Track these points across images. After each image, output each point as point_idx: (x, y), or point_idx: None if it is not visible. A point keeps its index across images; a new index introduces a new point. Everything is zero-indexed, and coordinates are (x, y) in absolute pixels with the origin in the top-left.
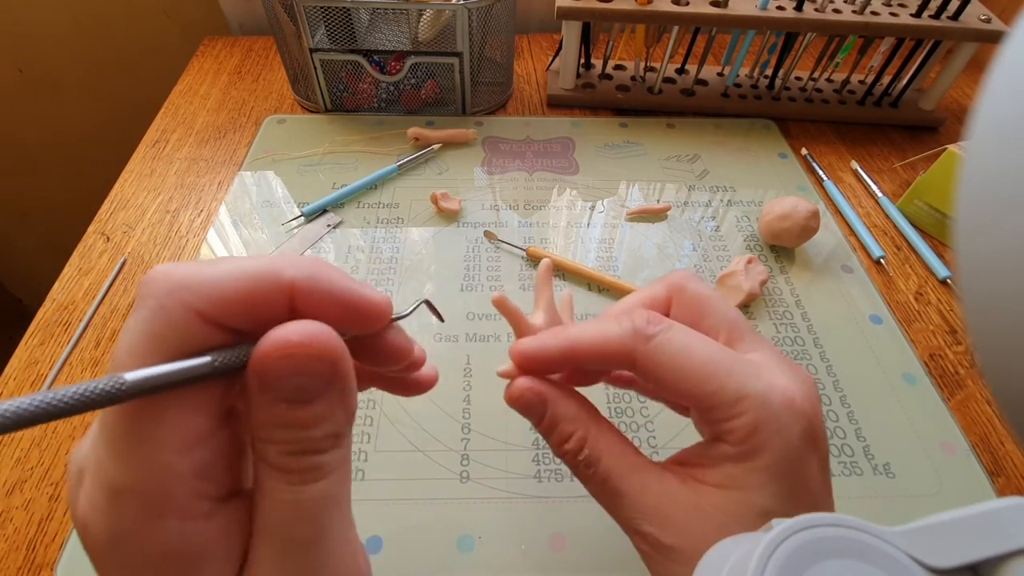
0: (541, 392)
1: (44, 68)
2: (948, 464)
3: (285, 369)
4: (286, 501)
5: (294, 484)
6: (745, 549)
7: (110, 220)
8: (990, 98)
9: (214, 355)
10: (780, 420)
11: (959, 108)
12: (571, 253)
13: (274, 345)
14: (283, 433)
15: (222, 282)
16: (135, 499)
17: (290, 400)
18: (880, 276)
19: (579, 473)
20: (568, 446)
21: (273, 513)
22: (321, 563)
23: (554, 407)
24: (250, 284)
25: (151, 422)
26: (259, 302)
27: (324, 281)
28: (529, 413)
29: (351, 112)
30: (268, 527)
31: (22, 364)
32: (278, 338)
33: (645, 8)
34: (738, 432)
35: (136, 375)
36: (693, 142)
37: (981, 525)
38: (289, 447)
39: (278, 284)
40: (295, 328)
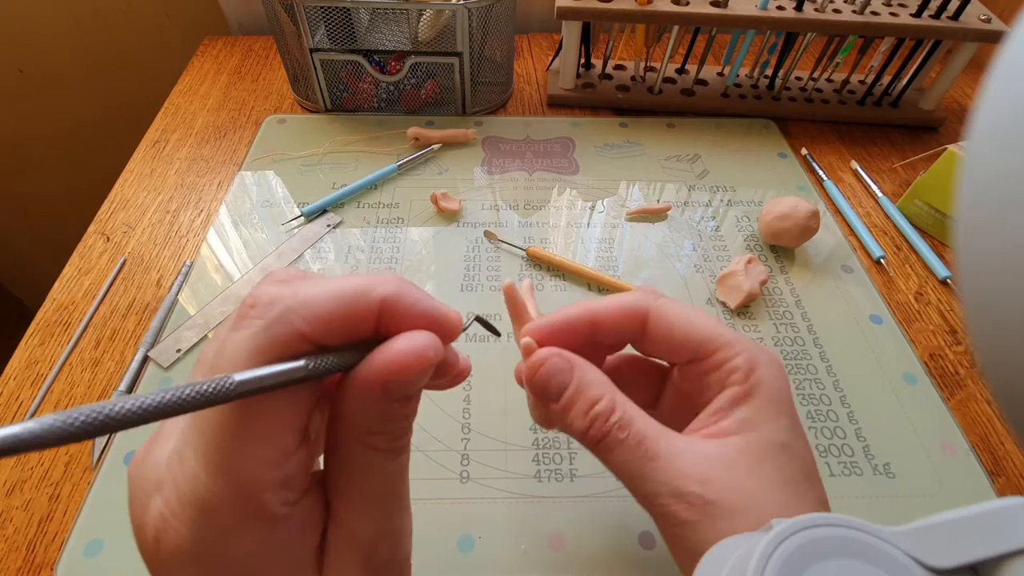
0: (568, 356)
1: (44, 68)
2: (948, 464)
3: (411, 376)
4: (386, 472)
5: (393, 458)
6: (745, 549)
7: (110, 220)
8: (990, 98)
9: (307, 360)
10: (766, 359)
11: (959, 108)
12: (571, 253)
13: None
14: (393, 425)
15: (323, 305)
16: (230, 509)
17: (402, 399)
18: (880, 276)
19: (608, 441)
20: (600, 407)
21: (373, 483)
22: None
23: (581, 372)
24: (347, 305)
25: (249, 439)
26: (354, 321)
27: (409, 298)
28: (553, 381)
29: (351, 112)
30: (368, 494)
31: (22, 364)
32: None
33: (645, 8)
34: (742, 368)
35: (243, 375)
36: (693, 142)
37: (981, 525)
38: (395, 435)
39: (370, 303)
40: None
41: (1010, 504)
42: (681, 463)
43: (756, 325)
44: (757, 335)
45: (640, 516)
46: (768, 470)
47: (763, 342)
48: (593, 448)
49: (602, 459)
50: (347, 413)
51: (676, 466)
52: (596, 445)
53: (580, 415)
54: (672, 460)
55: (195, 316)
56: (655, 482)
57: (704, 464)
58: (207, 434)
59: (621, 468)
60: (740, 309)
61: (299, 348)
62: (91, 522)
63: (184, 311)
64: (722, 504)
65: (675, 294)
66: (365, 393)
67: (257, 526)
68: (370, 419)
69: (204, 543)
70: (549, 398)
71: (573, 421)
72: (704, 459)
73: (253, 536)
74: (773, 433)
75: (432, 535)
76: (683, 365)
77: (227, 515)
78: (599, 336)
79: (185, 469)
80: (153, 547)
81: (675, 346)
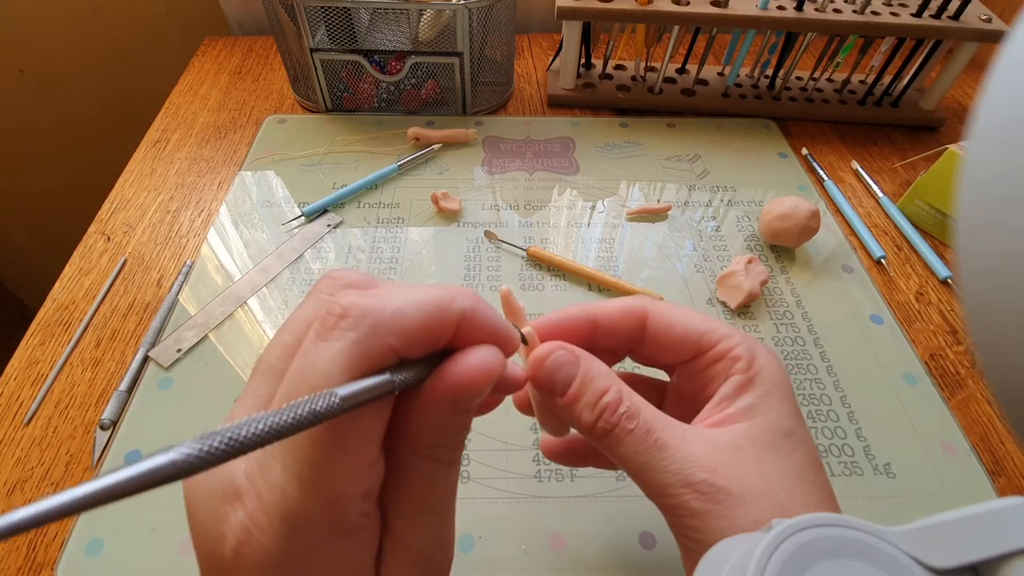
0: (572, 348)
1: (44, 68)
2: (948, 464)
3: (480, 390)
4: (443, 483)
5: (449, 468)
6: (746, 549)
7: (110, 220)
8: (990, 98)
9: (391, 373)
10: (765, 349)
11: (959, 108)
12: (571, 253)
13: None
14: (455, 437)
15: (413, 319)
16: (319, 524)
17: (465, 412)
18: (881, 276)
19: (618, 432)
20: (608, 398)
21: (430, 494)
22: (451, 517)
23: (587, 364)
24: (432, 319)
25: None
26: (436, 335)
27: (483, 314)
28: (560, 374)
29: (351, 112)
30: (425, 503)
31: (22, 364)
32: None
33: (645, 8)
34: (744, 357)
35: (345, 391)
36: (693, 142)
37: (981, 525)
38: (455, 446)
39: (451, 317)
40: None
41: (1010, 504)
42: (690, 451)
43: (756, 325)
44: (757, 335)
45: (640, 516)
46: (775, 456)
47: (763, 342)
48: (602, 441)
49: (611, 452)
50: (412, 426)
51: (686, 454)
52: (606, 437)
53: (588, 407)
54: (682, 448)
55: (195, 316)
56: (666, 472)
57: (712, 451)
58: (297, 450)
59: (631, 460)
60: (740, 309)
61: (388, 362)
62: (91, 522)
63: (184, 311)
64: (733, 491)
65: (675, 294)
66: (435, 406)
67: (342, 539)
68: (436, 432)
69: (291, 556)
70: (555, 392)
71: (581, 414)
72: (712, 447)
73: (337, 549)
74: (778, 420)
75: None
76: (684, 365)
77: (317, 529)
78: (599, 337)
79: (271, 483)
80: (231, 558)
81: (676, 342)
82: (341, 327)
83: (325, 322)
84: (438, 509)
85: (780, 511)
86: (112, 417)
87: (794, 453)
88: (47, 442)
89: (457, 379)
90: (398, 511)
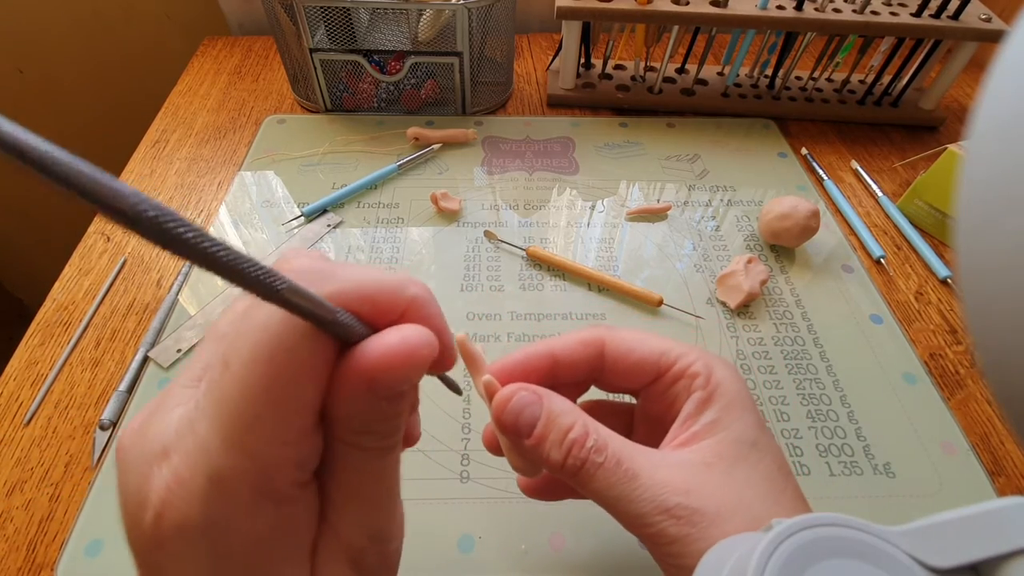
0: (534, 388)
1: (44, 68)
2: (948, 464)
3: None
4: (373, 471)
5: (380, 458)
6: (745, 549)
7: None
8: (990, 98)
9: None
10: (721, 363)
11: (959, 108)
12: (571, 253)
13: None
14: (381, 426)
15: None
16: (244, 484)
17: (390, 399)
18: (880, 276)
19: (587, 467)
20: (574, 434)
21: (360, 481)
22: (392, 511)
23: (549, 402)
24: (386, 293)
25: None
26: (383, 310)
27: (433, 308)
28: (524, 415)
29: (351, 112)
30: (354, 492)
31: (22, 364)
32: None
33: (645, 8)
34: (702, 373)
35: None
36: (693, 142)
37: (981, 525)
38: (383, 435)
39: (402, 296)
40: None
41: (1010, 504)
42: (661, 476)
43: (756, 325)
44: (757, 335)
45: None
46: (744, 468)
47: (763, 342)
48: (574, 478)
49: (584, 488)
50: (335, 409)
51: (656, 480)
52: (576, 474)
53: (555, 445)
54: (652, 476)
55: (195, 316)
56: (640, 501)
57: (683, 473)
58: (226, 405)
59: (605, 494)
60: (740, 309)
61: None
62: (91, 522)
63: (184, 311)
64: (708, 511)
65: (675, 294)
66: (351, 386)
67: (268, 505)
68: (357, 416)
69: (214, 518)
70: (521, 434)
71: (549, 453)
72: (682, 468)
73: (263, 515)
74: (742, 431)
75: (432, 535)
76: (646, 388)
77: (241, 490)
78: (560, 373)
79: (198, 438)
80: (152, 522)
81: (636, 367)
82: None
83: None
84: (369, 498)
85: (755, 523)
86: (112, 417)
87: (761, 463)
88: (47, 442)
89: (373, 356)
90: (330, 498)
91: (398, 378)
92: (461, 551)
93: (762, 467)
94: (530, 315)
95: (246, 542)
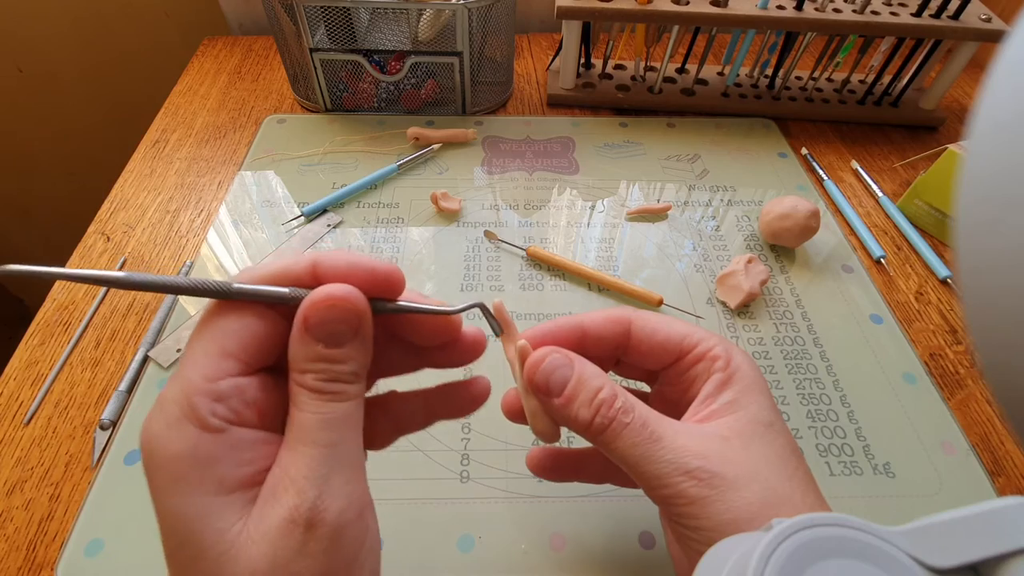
0: (566, 352)
1: (44, 68)
2: (948, 464)
3: (325, 317)
4: (317, 414)
5: (325, 402)
6: (746, 548)
7: (110, 220)
8: (990, 98)
9: (291, 290)
10: (739, 349)
11: (959, 108)
12: (571, 253)
13: (318, 297)
14: (319, 365)
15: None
16: (173, 404)
17: (326, 341)
18: (880, 276)
19: (615, 426)
20: (604, 395)
21: (306, 423)
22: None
23: (581, 365)
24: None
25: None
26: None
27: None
28: (556, 375)
29: (351, 112)
30: (302, 433)
31: (22, 364)
32: (322, 293)
33: (645, 8)
34: (722, 356)
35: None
36: (693, 142)
37: (981, 525)
38: (323, 376)
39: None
40: (334, 287)
41: (1010, 504)
42: (683, 441)
43: (756, 325)
44: (757, 335)
45: (640, 516)
46: (760, 445)
47: (763, 342)
48: (600, 436)
49: (608, 447)
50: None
51: (680, 444)
52: (603, 432)
53: (585, 404)
54: (675, 439)
55: (195, 316)
56: (662, 461)
57: (704, 441)
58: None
59: (629, 452)
60: (740, 309)
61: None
62: (91, 522)
63: (184, 311)
64: (727, 475)
65: (675, 294)
66: (294, 329)
67: (188, 427)
68: (298, 354)
69: (153, 430)
70: (552, 393)
71: (579, 411)
72: (702, 438)
73: (185, 435)
74: (758, 412)
75: (432, 535)
76: (666, 369)
77: (171, 408)
78: (588, 345)
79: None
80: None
81: (660, 347)
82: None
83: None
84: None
85: (770, 493)
86: (112, 417)
87: (775, 442)
88: (47, 442)
89: (306, 303)
90: (284, 438)
91: (324, 319)
92: (461, 551)
93: (777, 446)
94: (530, 315)
95: (168, 456)
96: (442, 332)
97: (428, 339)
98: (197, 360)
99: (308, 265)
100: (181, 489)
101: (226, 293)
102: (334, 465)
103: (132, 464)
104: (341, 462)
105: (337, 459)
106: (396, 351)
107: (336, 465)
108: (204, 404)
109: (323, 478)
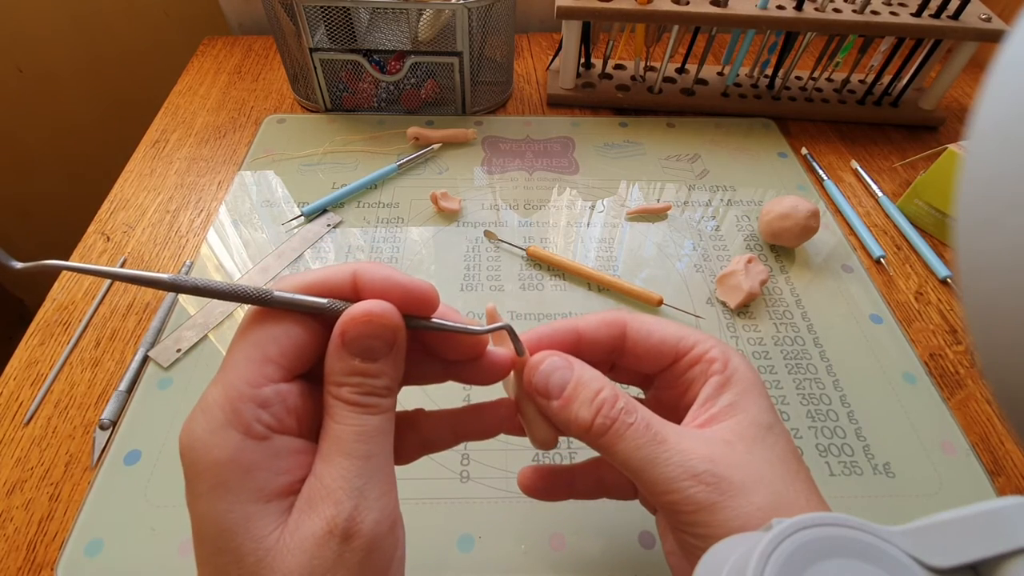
0: (564, 355)
1: (44, 67)
2: (948, 464)
3: (362, 332)
4: (353, 426)
5: (360, 414)
6: (745, 549)
7: (110, 220)
8: (990, 98)
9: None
10: (735, 351)
11: (959, 108)
12: (571, 253)
13: (356, 313)
14: (355, 379)
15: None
16: (218, 409)
17: (362, 356)
18: (880, 276)
19: (616, 426)
20: (604, 395)
21: (343, 434)
22: (371, 475)
23: (580, 367)
24: (324, 278)
25: (241, 358)
26: (331, 289)
27: (372, 272)
28: (554, 377)
29: (351, 112)
30: (338, 444)
31: (22, 364)
32: (360, 309)
33: (645, 8)
34: (719, 359)
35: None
36: (693, 142)
37: (981, 525)
38: (359, 389)
39: (344, 275)
40: (372, 304)
41: (1010, 504)
42: (687, 445)
43: (756, 325)
44: (757, 335)
45: (640, 516)
46: (762, 449)
47: (763, 342)
48: (601, 438)
49: (610, 450)
50: (324, 367)
51: (684, 447)
52: (605, 433)
53: (585, 404)
54: (679, 442)
55: (195, 316)
56: (669, 464)
57: (708, 445)
58: (225, 361)
59: (632, 455)
60: (740, 309)
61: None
62: (91, 522)
63: (184, 311)
64: (735, 480)
65: (675, 294)
66: (332, 342)
67: (232, 433)
68: (334, 368)
69: (196, 432)
70: (551, 395)
71: (579, 412)
72: (705, 442)
73: (229, 441)
74: (759, 415)
75: (432, 535)
76: (662, 373)
77: (215, 413)
78: (583, 349)
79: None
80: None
81: (655, 349)
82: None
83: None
84: (349, 453)
85: (777, 497)
86: (112, 417)
87: (776, 445)
88: (47, 442)
89: (344, 318)
90: (318, 448)
91: (361, 335)
92: (461, 551)
93: (778, 449)
94: (530, 315)
95: (210, 461)
96: (468, 349)
97: (455, 354)
98: (239, 365)
99: (348, 276)
100: (221, 495)
101: (268, 301)
102: (369, 477)
103: (132, 464)
104: (375, 474)
105: (372, 471)
106: (424, 362)
107: (371, 477)
108: (249, 410)
109: (359, 490)
